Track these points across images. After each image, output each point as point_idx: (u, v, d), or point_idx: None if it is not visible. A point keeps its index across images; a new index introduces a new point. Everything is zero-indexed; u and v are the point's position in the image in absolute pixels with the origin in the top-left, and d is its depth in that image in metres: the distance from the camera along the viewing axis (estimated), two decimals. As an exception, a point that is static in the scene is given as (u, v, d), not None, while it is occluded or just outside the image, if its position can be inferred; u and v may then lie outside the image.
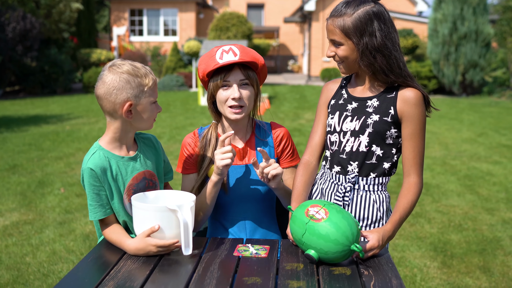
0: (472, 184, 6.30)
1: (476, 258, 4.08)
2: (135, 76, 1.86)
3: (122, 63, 1.88)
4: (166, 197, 1.96)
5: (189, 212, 1.79)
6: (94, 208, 1.91)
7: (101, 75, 1.88)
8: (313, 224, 1.73)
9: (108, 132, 1.95)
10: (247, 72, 2.12)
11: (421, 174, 2.04)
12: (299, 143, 8.54)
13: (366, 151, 2.06)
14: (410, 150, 2.02)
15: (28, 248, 4.23)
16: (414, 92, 2.01)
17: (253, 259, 1.81)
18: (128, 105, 1.87)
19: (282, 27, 27.80)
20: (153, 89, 1.91)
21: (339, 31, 1.98)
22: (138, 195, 1.90)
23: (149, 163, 2.03)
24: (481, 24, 16.23)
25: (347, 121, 2.10)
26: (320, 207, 1.75)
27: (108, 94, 1.86)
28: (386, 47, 1.97)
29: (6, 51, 15.57)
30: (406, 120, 2.01)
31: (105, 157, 1.92)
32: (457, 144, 8.84)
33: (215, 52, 2.10)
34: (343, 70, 2.10)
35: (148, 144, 2.08)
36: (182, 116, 11.64)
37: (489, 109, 13.51)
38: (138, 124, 1.94)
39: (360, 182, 2.09)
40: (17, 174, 6.63)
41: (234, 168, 2.20)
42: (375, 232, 1.88)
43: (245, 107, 2.14)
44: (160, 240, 1.79)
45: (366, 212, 2.09)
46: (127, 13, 26.14)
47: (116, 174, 1.93)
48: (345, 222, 1.72)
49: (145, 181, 2.00)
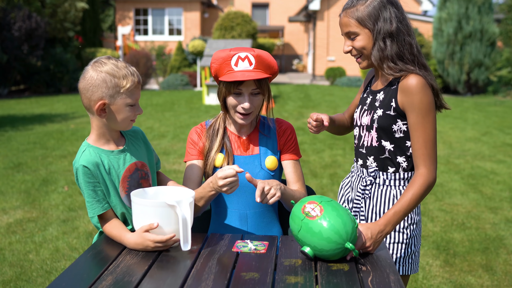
0: (476, 183, 6.28)
1: (479, 257, 4.07)
2: (113, 76, 1.87)
3: (105, 62, 1.90)
4: (166, 193, 1.97)
5: (188, 208, 1.79)
6: (92, 204, 1.92)
7: (84, 70, 1.92)
8: (308, 221, 1.73)
9: (92, 130, 1.98)
10: (260, 82, 2.13)
11: (430, 165, 1.95)
12: (303, 142, 8.54)
13: (377, 146, 2.07)
14: (415, 141, 1.97)
15: (32, 245, 4.25)
16: (415, 78, 1.94)
17: (252, 254, 1.81)
18: (101, 103, 1.88)
19: (286, 26, 27.78)
20: (131, 91, 1.91)
21: (354, 21, 1.99)
22: (137, 191, 1.91)
23: (139, 154, 2.05)
24: (486, 23, 16.15)
25: (364, 115, 2.13)
26: (317, 204, 1.75)
27: (85, 89, 1.89)
28: (400, 33, 1.97)
29: (12, 50, 15.62)
30: (408, 110, 1.97)
31: (95, 153, 1.94)
32: (461, 143, 8.82)
33: (231, 57, 2.11)
34: (363, 63, 2.09)
35: (135, 136, 2.10)
36: (186, 115, 11.65)
37: (493, 108, 13.47)
38: (112, 124, 1.95)
39: (381, 176, 2.10)
40: (22, 172, 6.66)
41: (237, 158, 2.23)
42: (365, 227, 1.85)
43: (253, 113, 2.18)
44: (157, 236, 1.80)
45: (387, 207, 2.09)
46: (132, 12, 26.18)
47: (109, 168, 1.95)
48: (339, 220, 1.70)
49: (138, 172, 2.02)
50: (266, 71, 2.12)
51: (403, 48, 1.97)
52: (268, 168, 2.23)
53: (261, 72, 2.10)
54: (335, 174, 6.57)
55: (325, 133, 9.32)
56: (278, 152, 2.28)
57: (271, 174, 2.23)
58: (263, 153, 2.25)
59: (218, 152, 2.24)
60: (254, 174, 2.21)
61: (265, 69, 2.12)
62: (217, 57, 2.15)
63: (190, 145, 2.29)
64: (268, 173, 2.22)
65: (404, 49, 1.98)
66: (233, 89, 2.13)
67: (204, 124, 2.34)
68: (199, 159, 2.26)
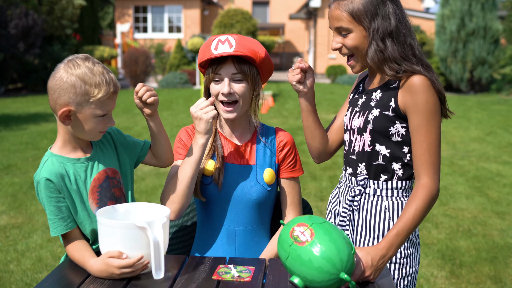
0: (481, 186, 6.04)
1: (487, 267, 3.84)
2: (84, 82, 1.63)
3: (80, 63, 1.65)
4: (138, 211, 1.73)
5: (161, 230, 1.56)
6: (54, 222, 1.69)
7: (56, 67, 1.68)
8: (296, 247, 1.48)
9: (58, 135, 1.74)
10: (242, 66, 1.90)
11: (433, 175, 1.71)
12: (302, 142, 8.30)
13: (370, 150, 1.82)
14: (417, 146, 1.72)
15: (14, 254, 4.02)
16: (418, 78, 1.71)
17: (235, 283, 1.58)
18: (66, 110, 1.65)
19: (287, 24, 27.53)
20: (103, 102, 1.67)
21: (347, 15, 1.73)
22: (105, 209, 1.68)
23: (109, 160, 1.82)
24: (489, 20, 15.90)
25: (355, 117, 1.88)
26: (307, 227, 1.50)
27: (53, 90, 1.66)
28: (400, 32, 1.73)
29: (8, 48, 15.38)
30: (410, 111, 1.73)
31: (59, 163, 1.71)
32: (465, 143, 8.58)
33: (212, 41, 1.92)
34: (356, 66, 1.84)
35: (104, 137, 1.86)
36: (184, 114, 11.41)
37: (497, 107, 13.21)
38: (77, 133, 1.72)
39: (371, 185, 1.85)
40: (11, 174, 6.43)
41: (230, 167, 2.00)
42: (364, 252, 1.61)
43: (238, 104, 1.94)
44: (122, 260, 1.56)
45: (377, 221, 1.84)
46: (131, 9, 25.93)
47: (75, 179, 1.72)
48: (332, 246, 1.46)
49: (109, 181, 1.78)
50: (248, 54, 1.89)
51: (405, 49, 1.74)
52: (265, 181, 1.99)
53: (242, 53, 1.87)
54: (335, 176, 6.33)
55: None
56: (276, 165, 2.04)
57: (268, 189, 2.00)
58: (259, 165, 2.01)
59: (209, 157, 2.00)
60: (249, 187, 1.97)
61: (248, 52, 1.89)
62: (201, 48, 1.96)
63: (178, 144, 2.05)
64: (264, 188, 1.99)
65: (406, 50, 1.74)
66: (212, 74, 1.93)
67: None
68: None
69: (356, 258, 1.57)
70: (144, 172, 6.54)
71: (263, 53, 1.94)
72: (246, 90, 1.93)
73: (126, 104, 13.00)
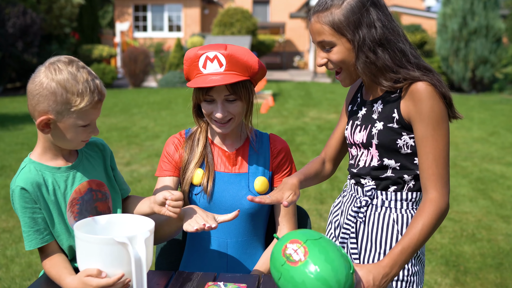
0: (485, 188, 5.90)
1: (493, 274, 3.70)
2: (66, 90, 1.49)
3: (62, 68, 1.51)
4: (120, 224, 1.59)
5: (143, 246, 1.42)
6: (29, 235, 1.56)
7: (37, 70, 1.54)
8: (289, 267, 1.34)
9: (38, 141, 1.61)
10: (235, 87, 1.76)
11: (442, 189, 1.58)
12: (302, 143, 8.17)
13: (377, 166, 1.68)
14: (423, 158, 1.59)
15: (3, 260, 3.89)
16: (420, 84, 1.58)
17: (224, 303, 1.44)
18: (45, 118, 1.51)
19: (288, 23, 27.37)
20: (85, 112, 1.53)
21: (328, 28, 1.59)
22: (84, 221, 1.54)
23: (94, 171, 1.68)
24: (491, 19, 15.75)
25: (357, 131, 1.73)
26: (300, 244, 1.36)
27: (32, 95, 1.52)
28: (389, 40, 1.59)
29: (6, 47, 15.25)
30: (414, 121, 1.60)
31: (37, 171, 1.57)
32: (468, 143, 8.43)
33: (199, 58, 1.75)
34: (345, 80, 1.70)
35: (93, 149, 1.73)
36: (183, 114, 11.27)
37: (500, 107, 13.07)
38: (58, 142, 1.58)
39: (379, 196, 1.71)
40: (4, 176, 6.29)
41: (221, 176, 1.87)
42: (365, 270, 1.47)
43: (233, 120, 1.81)
44: (101, 280, 1.43)
45: (384, 235, 1.70)
46: (131, 8, 25.80)
47: (53, 189, 1.58)
48: (327, 267, 1.32)
49: (91, 193, 1.64)
50: (241, 72, 1.75)
51: (397, 55, 1.60)
52: (257, 191, 1.86)
53: (234, 75, 1.72)
54: (336, 178, 6.19)
55: (327, 134, 8.95)
56: (269, 173, 1.91)
57: None
58: (252, 173, 1.88)
59: (198, 166, 1.87)
60: (240, 197, 1.84)
61: (240, 70, 1.74)
62: (186, 57, 1.79)
63: (164, 158, 1.92)
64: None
65: (399, 56, 1.60)
66: (202, 95, 1.78)
67: (184, 133, 1.98)
68: (173, 175, 1.90)
69: (356, 277, 1.43)
70: (140, 173, 6.41)
71: (256, 64, 1.77)
72: (241, 108, 1.81)
73: (124, 104, 12.86)
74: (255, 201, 1.55)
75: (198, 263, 1.90)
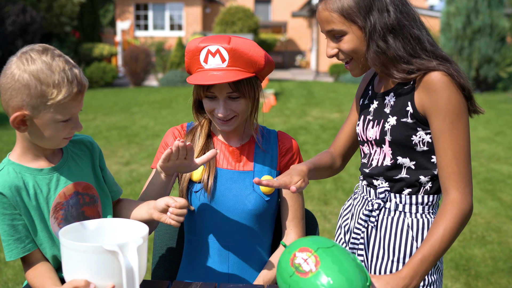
0: (493, 189, 5.75)
1: (505, 279, 3.55)
2: (40, 82, 1.34)
3: (35, 57, 1.35)
4: (112, 229, 1.45)
5: (135, 254, 1.28)
6: (9, 244, 1.42)
7: (9, 61, 1.38)
8: (298, 279, 1.20)
9: (17, 141, 1.46)
10: (238, 84, 1.62)
11: (464, 188, 1.43)
12: (305, 142, 8.02)
13: (391, 165, 1.54)
14: (441, 155, 1.45)
15: (-4, 263, 3.76)
16: (435, 74, 1.44)
17: (226, 318, 1.30)
18: (20, 114, 1.36)
19: (290, 22, 27.24)
20: (65, 105, 1.37)
21: (337, 15, 1.47)
22: (71, 227, 1.40)
23: (82, 172, 1.53)
24: (496, 18, 15.61)
25: (369, 127, 1.59)
26: (311, 253, 1.22)
27: (4, 90, 1.37)
28: (403, 25, 1.45)
29: (6, 45, 15.13)
30: (430, 115, 1.46)
31: (16, 173, 1.43)
32: (474, 143, 8.28)
33: (200, 51, 1.61)
34: (355, 70, 1.57)
35: (79, 148, 1.58)
36: (183, 113, 11.14)
37: (505, 106, 12.92)
38: (36, 140, 1.43)
39: (393, 199, 1.57)
40: None
41: (223, 173, 1.73)
42: (383, 281, 1.33)
43: (236, 117, 1.68)
44: None
45: (397, 241, 1.55)
46: (132, 7, 25.67)
47: (34, 193, 1.44)
48: (342, 278, 1.18)
49: (77, 197, 1.49)
50: (246, 68, 1.61)
51: (411, 44, 1.46)
52: (262, 191, 1.72)
53: (237, 71, 1.59)
54: (340, 178, 6.05)
55: (330, 133, 8.81)
56: (277, 173, 1.77)
57: (266, 200, 1.72)
58: (258, 171, 1.74)
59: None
60: (244, 196, 1.70)
61: (244, 65, 1.60)
62: (187, 50, 1.65)
63: (161, 149, 1.78)
64: (261, 198, 1.71)
65: (413, 44, 1.46)
66: (203, 92, 1.64)
67: (185, 125, 1.84)
68: None
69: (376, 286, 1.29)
70: (140, 173, 6.27)
71: (262, 59, 1.63)
72: (245, 105, 1.68)
73: (124, 103, 12.73)
74: (262, 184, 1.44)
75: (197, 270, 1.75)
